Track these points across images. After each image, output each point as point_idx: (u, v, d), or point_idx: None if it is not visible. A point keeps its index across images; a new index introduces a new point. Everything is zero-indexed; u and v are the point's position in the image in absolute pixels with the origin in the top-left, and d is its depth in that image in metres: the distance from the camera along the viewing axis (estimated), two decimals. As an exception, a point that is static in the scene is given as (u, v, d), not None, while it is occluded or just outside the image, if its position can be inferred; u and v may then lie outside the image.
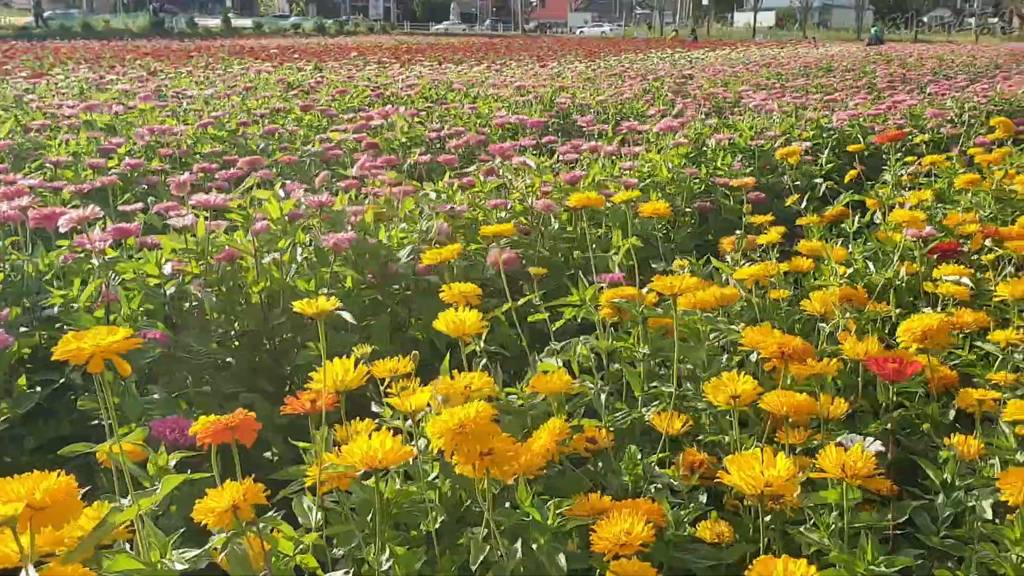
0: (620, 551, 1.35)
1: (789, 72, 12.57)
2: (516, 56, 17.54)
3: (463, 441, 1.34)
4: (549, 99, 7.62)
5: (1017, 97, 9.25)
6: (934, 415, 2.14)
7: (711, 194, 4.31)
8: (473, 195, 3.38)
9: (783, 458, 1.31)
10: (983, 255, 2.87)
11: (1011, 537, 1.50)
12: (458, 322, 1.75)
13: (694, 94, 8.39)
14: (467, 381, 1.67)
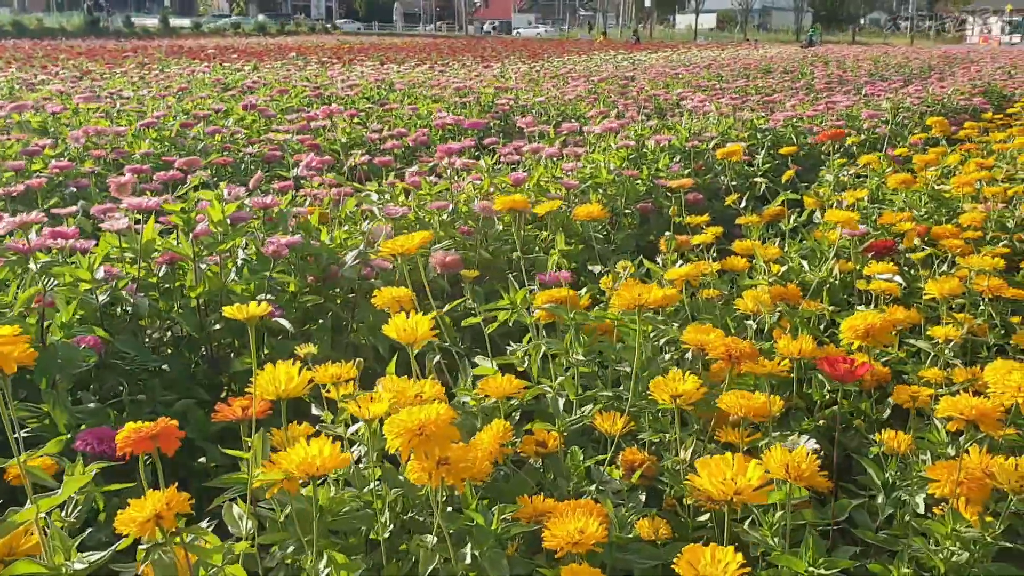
0: (573, 549, 1.34)
1: (729, 74, 12.74)
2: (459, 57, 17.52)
3: (421, 444, 1.31)
4: (490, 100, 7.62)
5: (948, 97, 9.49)
6: (869, 412, 2.19)
7: (652, 195, 4.34)
8: (417, 197, 3.36)
9: (755, 466, 1.31)
10: (915, 253, 2.93)
11: (941, 531, 1.54)
12: (409, 328, 1.73)
13: (635, 96, 8.45)
14: (418, 389, 1.65)
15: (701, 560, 1.13)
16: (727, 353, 1.74)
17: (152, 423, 1.31)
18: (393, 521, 1.52)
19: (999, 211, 3.66)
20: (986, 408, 1.52)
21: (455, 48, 22.90)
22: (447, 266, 2.76)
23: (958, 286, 2.39)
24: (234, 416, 1.54)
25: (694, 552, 1.14)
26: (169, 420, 1.34)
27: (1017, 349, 2.40)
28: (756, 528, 1.60)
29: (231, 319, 1.42)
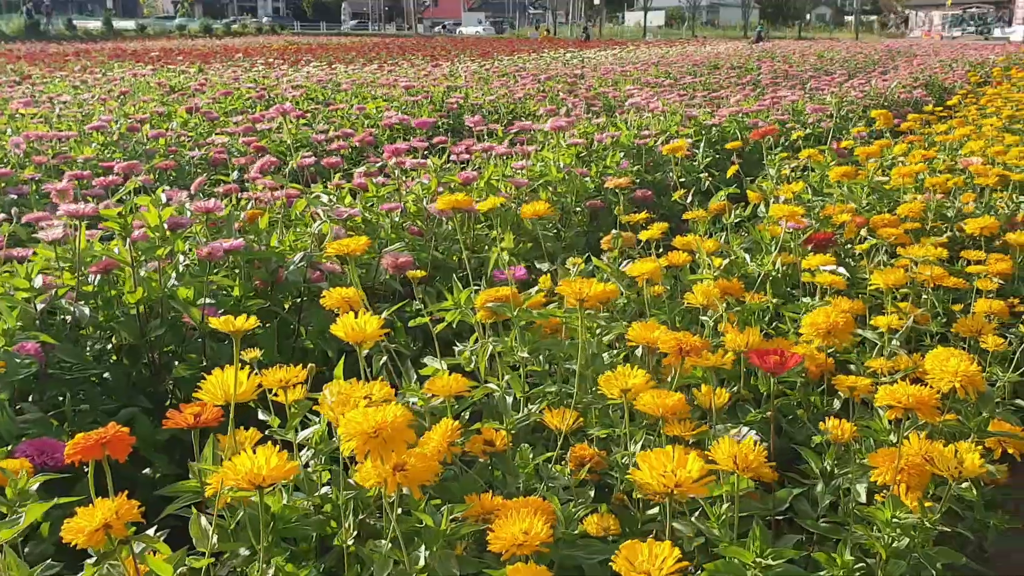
0: (518, 551, 1.34)
1: (677, 70, 12.84)
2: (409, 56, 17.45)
3: (378, 446, 1.30)
4: (440, 99, 7.60)
5: (891, 90, 9.67)
6: (818, 403, 2.22)
7: (602, 193, 4.36)
8: (364, 199, 3.34)
9: (695, 459, 1.32)
10: (857, 244, 2.98)
11: (882, 518, 1.57)
12: (358, 328, 1.72)
13: (583, 94, 8.49)
14: (367, 391, 1.64)
15: (639, 556, 1.13)
16: (678, 347, 1.76)
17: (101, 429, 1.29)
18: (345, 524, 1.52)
19: (939, 201, 3.74)
20: (923, 396, 1.55)
21: (404, 47, 22.80)
22: (399, 267, 2.75)
23: (903, 276, 2.44)
24: (186, 423, 1.52)
25: (632, 548, 1.15)
26: (120, 427, 1.32)
27: (958, 337, 2.45)
28: (704, 519, 1.62)
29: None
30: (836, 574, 1.56)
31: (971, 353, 2.31)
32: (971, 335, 2.35)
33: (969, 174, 4.17)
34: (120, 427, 1.30)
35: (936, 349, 1.87)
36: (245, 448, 1.36)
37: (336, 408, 1.52)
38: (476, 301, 2.08)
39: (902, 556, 1.57)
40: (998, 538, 2.11)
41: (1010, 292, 3.07)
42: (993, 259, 2.89)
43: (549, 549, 1.46)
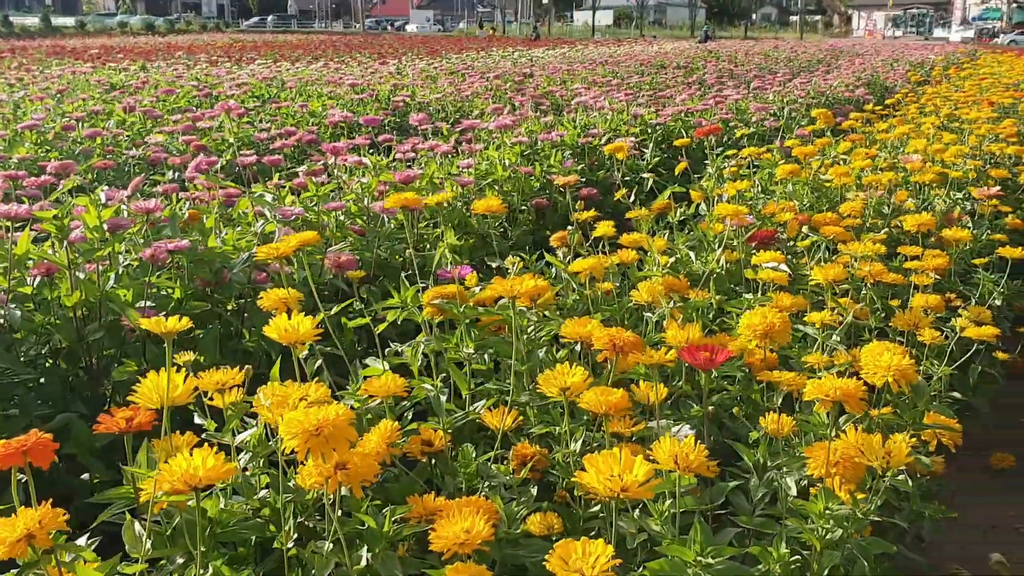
0: (460, 550, 1.34)
1: (625, 70, 12.92)
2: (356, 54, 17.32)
3: (319, 445, 1.28)
4: (386, 97, 7.55)
5: (833, 89, 9.83)
6: (756, 397, 2.25)
7: (547, 191, 4.37)
8: (306, 198, 3.31)
9: (642, 462, 1.33)
10: (799, 241, 3.02)
11: (815, 510, 1.59)
12: (290, 329, 1.70)
13: (531, 92, 8.50)
14: (303, 392, 1.62)
15: (573, 555, 1.14)
16: (611, 344, 1.76)
17: (23, 436, 1.26)
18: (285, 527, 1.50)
19: (878, 198, 3.81)
20: (849, 388, 1.57)
21: (351, 45, 22.65)
22: (341, 266, 2.73)
23: (842, 272, 2.47)
24: (117, 428, 1.48)
25: (566, 547, 1.15)
26: (42, 433, 1.28)
27: (896, 331, 2.49)
28: (645, 516, 1.63)
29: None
30: (772, 568, 1.57)
31: (909, 347, 2.36)
32: (908, 329, 2.40)
33: (909, 172, 4.26)
34: (42, 434, 1.26)
35: (872, 343, 1.90)
36: (182, 452, 1.34)
37: (274, 409, 1.50)
38: (423, 298, 2.07)
39: (836, 548, 1.60)
40: (936, 528, 2.16)
41: (946, 287, 3.14)
42: (930, 255, 2.95)
43: (491, 548, 1.47)
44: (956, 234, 3.12)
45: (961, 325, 2.33)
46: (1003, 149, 5.38)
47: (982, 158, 5.15)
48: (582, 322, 1.93)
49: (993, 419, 3.25)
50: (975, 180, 4.57)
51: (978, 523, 2.88)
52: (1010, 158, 5.31)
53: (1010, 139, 5.62)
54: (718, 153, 4.56)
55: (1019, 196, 4.89)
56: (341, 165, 3.61)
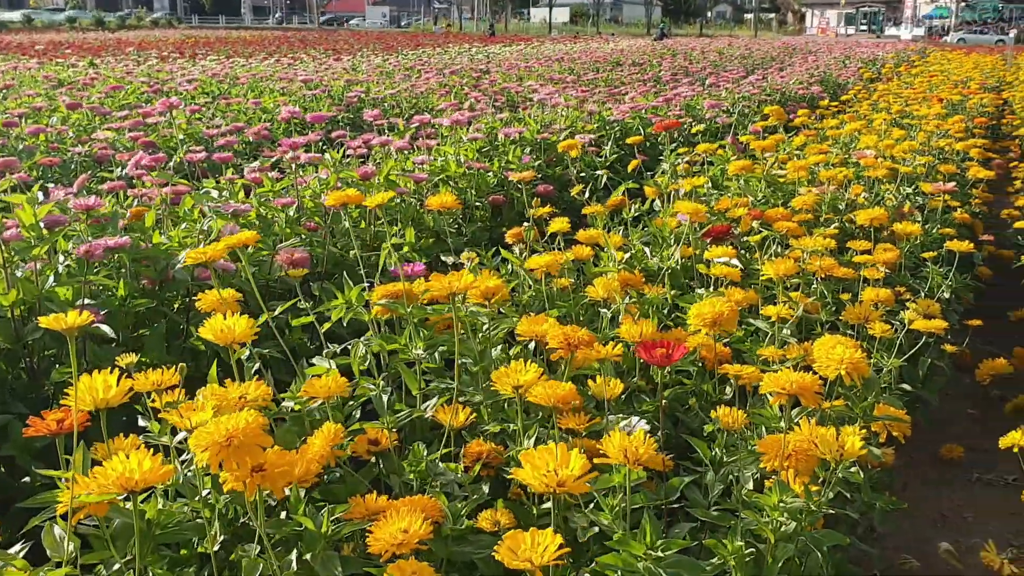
0: (397, 550, 1.32)
1: (581, 67, 12.95)
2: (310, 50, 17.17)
3: (231, 455, 1.25)
4: (340, 93, 7.48)
5: (787, 86, 9.93)
6: (710, 391, 2.25)
7: (504, 188, 4.35)
8: (259, 194, 3.26)
9: (578, 456, 1.32)
10: (750, 237, 3.03)
11: (769, 503, 1.59)
12: (226, 329, 1.67)
13: (488, 88, 8.48)
14: (242, 391, 1.59)
15: (522, 545, 1.13)
16: (566, 341, 1.75)
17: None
18: (225, 530, 1.46)
19: (832, 194, 3.84)
20: (805, 382, 1.58)
21: (306, 41, 22.45)
22: (294, 263, 2.69)
23: (793, 267, 2.49)
24: (48, 430, 1.44)
25: (515, 538, 1.15)
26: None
27: (847, 324, 2.51)
28: (598, 511, 1.62)
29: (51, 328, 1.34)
30: (727, 560, 1.57)
31: (859, 340, 2.38)
32: (858, 322, 2.42)
33: (861, 167, 4.30)
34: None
35: (823, 337, 1.91)
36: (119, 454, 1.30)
37: (184, 414, 1.47)
38: (370, 297, 2.04)
39: (790, 540, 1.60)
40: (886, 519, 2.18)
41: (897, 281, 3.18)
42: (881, 249, 2.98)
43: (431, 546, 1.45)
44: (906, 228, 3.16)
45: (909, 318, 2.35)
46: (952, 145, 5.48)
47: (932, 154, 5.23)
48: (538, 320, 1.92)
49: (942, 410, 3.31)
50: (925, 175, 4.64)
51: (928, 513, 2.91)
52: (958, 154, 5.40)
53: (958, 135, 5.71)
54: (672, 149, 4.58)
55: (968, 191, 4.97)
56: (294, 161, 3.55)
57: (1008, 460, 2.34)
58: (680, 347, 1.66)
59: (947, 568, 2.53)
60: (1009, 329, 4.16)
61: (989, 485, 3.10)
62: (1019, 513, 2.80)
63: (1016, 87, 11.13)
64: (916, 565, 2.52)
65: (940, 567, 2.54)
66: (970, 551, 2.57)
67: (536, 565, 1.13)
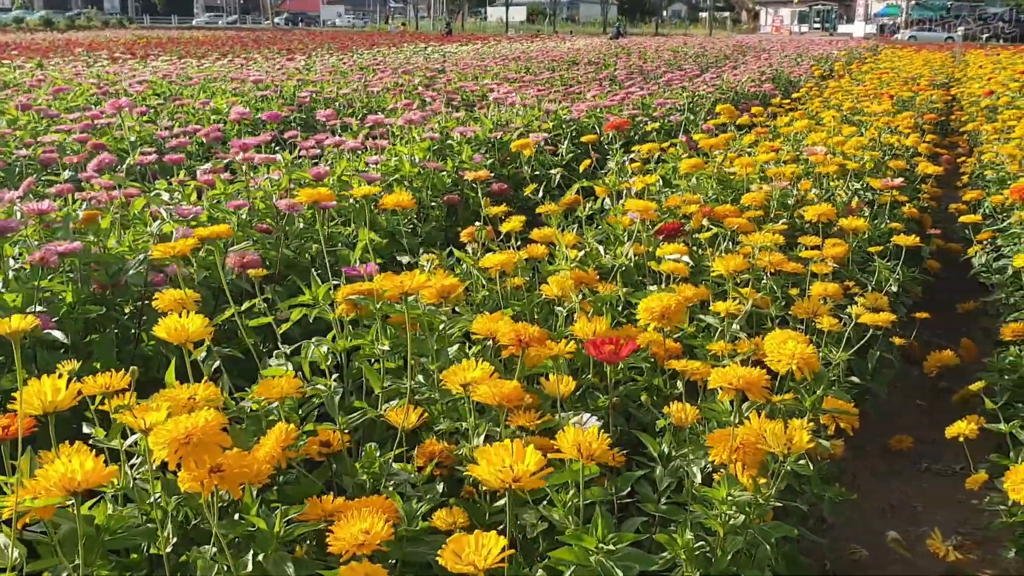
0: (359, 551, 1.32)
1: (537, 66, 12.97)
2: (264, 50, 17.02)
3: (190, 452, 1.26)
4: (292, 93, 7.43)
5: (740, 84, 10.04)
6: (661, 387, 2.28)
7: (459, 187, 4.35)
8: (210, 196, 3.23)
9: (533, 452, 1.33)
10: (700, 234, 3.07)
11: (718, 497, 1.62)
12: (180, 328, 1.66)
13: (443, 88, 8.47)
14: (191, 392, 1.59)
15: (465, 548, 1.14)
16: (516, 338, 1.76)
17: None
18: (176, 533, 1.46)
19: (782, 190, 3.89)
20: (752, 377, 1.60)
21: (260, 41, 22.24)
22: (245, 266, 2.67)
23: (742, 262, 2.52)
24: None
25: (459, 541, 1.15)
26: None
27: (796, 319, 2.55)
28: (550, 507, 1.63)
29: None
30: (677, 554, 1.60)
31: (808, 334, 2.42)
32: (807, 317, 2.46)
33: (811, 164, 4.37)
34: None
35: (775, 332, 1.94)
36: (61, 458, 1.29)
37: (139, 415, 1.46)
38: (336, 295, 2.04)
39: (739, 533, 1.63)
40: (836, 510, 2.22)
41: (845, 275, 3.23)
42: (830, 244, 3.03)
43: (392, 546, 1.45)
44: (854, 223, 3.21)
45: (856, 312, 2.39)
46: (901, 141, 5.58)
47: (881, 150, 5.32)
48: (493, 318, 1.93)
49: (892, 402, 3.37)
50: (874, 171, 4.72)
51: (878, 503, 2.97)
52: (908, 150, 5.50)
53: (908, 131, 5.82)
54: (620, 147, 4.61)
55: (917, 186, 5.06)
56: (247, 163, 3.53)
57: (955, 450, 2.40)
58: (629, 343, 1.68)
59: (895, 557, 2.58)
60: (957, 321, 4.25)
61: (937, 475, 3.17)
62: (965, 502, 2.86)
63: (964, 84, 11.36)
64: (865, 555, 2.57)
65: (888, 556, 2.59)
66: (918, 539, 2.63)
67: (480, 568, 1.14)
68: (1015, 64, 12.13)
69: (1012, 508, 2.15)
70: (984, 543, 2.66)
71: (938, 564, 2.47)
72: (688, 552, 1.60)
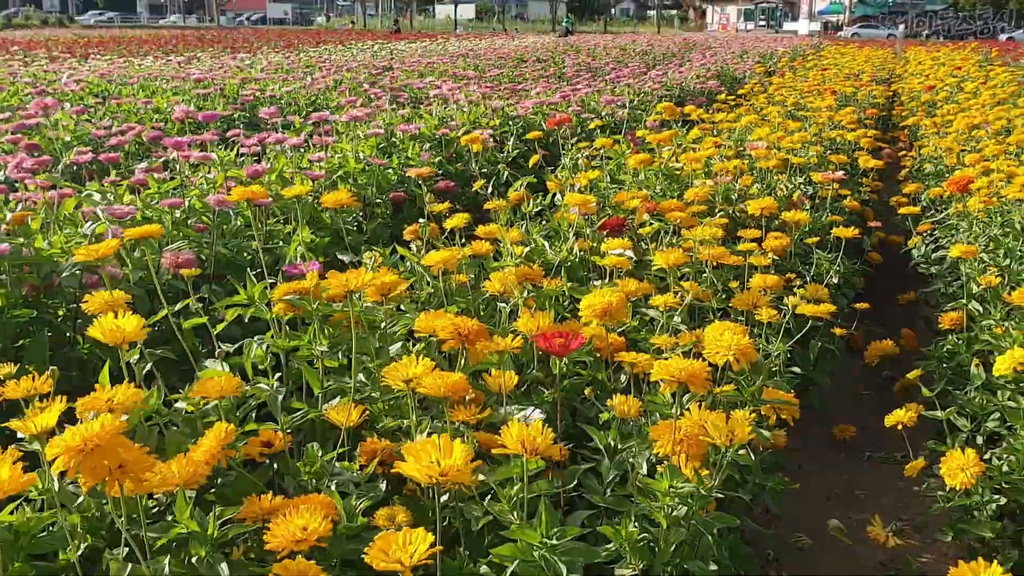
0: (296, 547, 1.30)
1: (485, 63, 12.95)
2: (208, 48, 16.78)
3: (88, 459, 1.23)
4: (235, 91, 7.33)
5: (686, 81, 10.12)
6: (606, 381, 2.28)
7: (405, 184, 4.32)
8: (146, 195, 3.16)
9: (459, 445, 1.31)
10: (641, 229, 3.08)
11: (661, 488, 1.62)
12: (116, 328, 1.62)
13: (389, 85, 8.41)
14: (109, 394, 1.54)
15: (392, 546, 1.12)
16: (456, 333, 1.75)
17: None
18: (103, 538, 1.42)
19: (726, 184, 3.93)
20: (694, 369, 1.61)
21: (204, 39, 21.92)
22: (180, 265, 2.62)
23: (683, 256, 2.54)
24: (-87, 444, 1.37)
25: (386, 539, 1.14)
26: None
27: (737, 312, 2.57)
28: (495, 502, 1.62)
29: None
30: (622, 546, 1.60)
31: (750, 326, 2.44)
32: (748, 309, 2.48)
33: (754, 159, 4.41)
34: None
35: (713, 324, 1.95)
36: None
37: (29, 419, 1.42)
38: (272, 295, 2.00)
39: (682, 524, 1.63)
40: (778, 500, 2.24)
41: (787, 268, 3.27)
42: (772, 237, 3.06)
43: (330, 544, 1.43)
44: (795, 216, 3.25)
45: (793, 303, 2.42)
46: (843, 135, 5.66)
47: (824, 144, 5.40)
48: (436, 315, 1.91)
49: (835, 393, 3.42)
50: (817, 165, 4.78)
51: (822, 492, 3.01)
52: (850, 144, 5.58)
53: (850, 126, 5.91)
54: (572, 143, 4.61)
55: (858, 180, 5.14)
56: (184, 161, 3.46)
57: (897, 438, 2.43)
58: (578, 337, 1.67)
59: (837, 544, 2.62)
60: (899, 312, 4.32)
61: (879, 463, 3.22)
62: (906, 489, 2.91)
63: (905, 79, 11.57)
64: (808, 543, 2.60)
65: (831, 544, 2.62)
66: (861, 527, 2.66)
67: (406, 566, 1.13)
68: (954, 60, 12.39)
69: (948, 493, 2.19)
70: (923, 528, 2.71)
71: (878, 550, 2.51)
72: (632, 544, 1.60)
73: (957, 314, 3.14)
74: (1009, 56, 15.09)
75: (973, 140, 5.46)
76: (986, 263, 3.31)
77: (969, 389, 2.67)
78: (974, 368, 2.66)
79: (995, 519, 2.18)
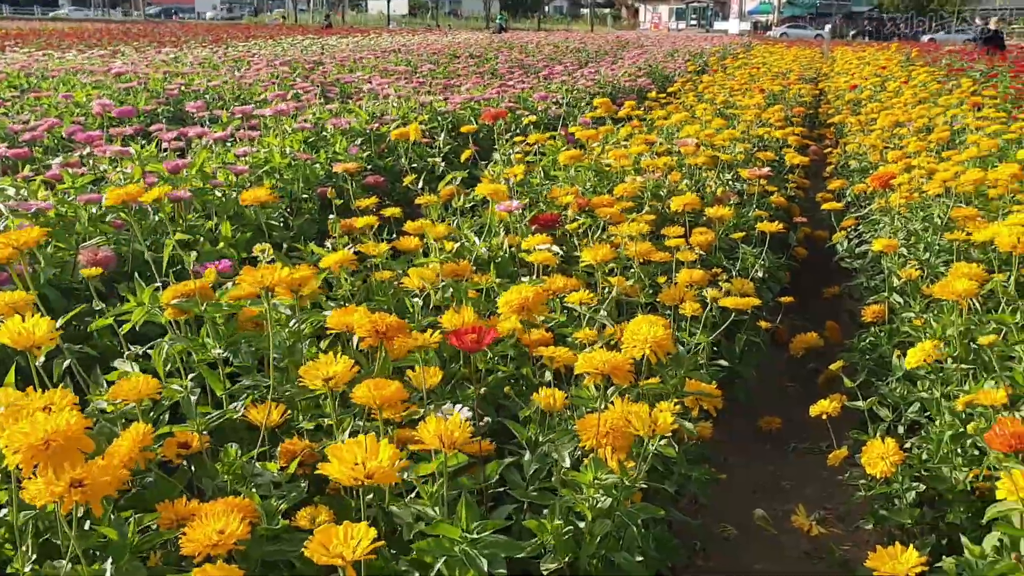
0: (213, 551, 1.27)
1: (418, 59, 12.88)
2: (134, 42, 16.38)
3: (49, 459, 1.18)
4: (159, 85, 7.16)
5: (618, 78, 10.18)
6: (530, 376, 2.27)
7: (333, 180, 4.26)
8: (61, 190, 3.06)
9: (386, 445, 1.29)
10: (568, 224, 3.09)
11: (585, 480, 1.62)
12: (25, 332, 1.55)
13: (319, 80, 8.30)
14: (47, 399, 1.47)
15: (333, 540, 1.10)
16: (373, 329, 1.72)
17: None
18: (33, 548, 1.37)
19: (655, 181, 3.95)
20: (616, 362, 1.61)
21: (130, 33, 21.41)
22: (98, 263, 2.54)
23: (610, 252, 2.54)
24: None
25: (327, 532, 1.12)
26: None
27: (664, 306, 2.59)
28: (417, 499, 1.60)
29: None
30: (546, 539, 1.59)
31: (676, 320, 2.46)
32: (674, 303, 2.50)
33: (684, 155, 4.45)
34: None
35: (637, 317, 1.95)
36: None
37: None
38: (162, 298, 1.94)
39: (607, 516, 1.63)
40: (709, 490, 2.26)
41: (713, 262, 3.30)
42: (697, 232, 3.09)
43: (248, 547, 1.40)
44: (719, 212, 3.28)
45: (713, 296, 2.44)
46: (771, 133, 5.75)
47: (752, 142, 5.47)
48: (348, 310, 1.88)
49: (761, 385, 3.46)
50: (745, 162, 4.84)
51: (748, 483, 3.05)
52: (777, 141, 5.67)
53: (777, 123, 6.01)
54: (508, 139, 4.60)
55: (785, 176, 5.23)
56: (102, 156, 3.36)
57: (822, 429, 2.47)
58: (491, 332, 1.66)
59: (763, 534, 2.65)
60: (823, 305, 4.40)
61: (804, 454, 3.27)
62: (830, 478, 2.96)
63: (832, 78, 11.82)
64: (734, 533, 2.63)
65: (757, 533, 2.66)
66: (786, 516, 2.70)
67: (348, 560, 1.10)
68: (878, 60, 12.69)
69: (870, 482, 2.23)
70: (846, 517, 2.76)
71: (803, 539, 2.55)
72: (557, 537, 1.59)
73: (879, 307, 3.20)
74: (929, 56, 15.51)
75: (896, 138, 5.59)
76: (906, 257, 3.38)
77: (890, 380, 2.72)
78: (895, 359, 2.71)
79: (914, 506, 2.22)
